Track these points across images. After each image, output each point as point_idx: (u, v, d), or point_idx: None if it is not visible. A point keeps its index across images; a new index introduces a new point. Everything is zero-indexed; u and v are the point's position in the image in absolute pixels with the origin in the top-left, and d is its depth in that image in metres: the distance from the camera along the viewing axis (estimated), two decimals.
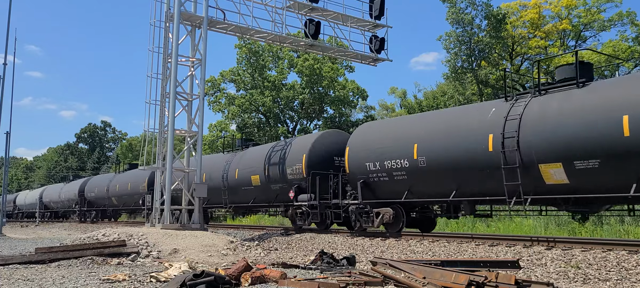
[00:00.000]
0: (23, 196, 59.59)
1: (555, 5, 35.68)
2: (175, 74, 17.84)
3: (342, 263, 11.56)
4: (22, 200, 57.93)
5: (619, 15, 34.73)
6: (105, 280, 9.08)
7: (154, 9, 17.97)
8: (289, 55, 45.88)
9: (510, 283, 7.22)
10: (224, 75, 47.13)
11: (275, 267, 10.75)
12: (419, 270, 8.04)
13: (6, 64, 26.64)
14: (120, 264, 12.11)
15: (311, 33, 20.30)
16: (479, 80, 35.92)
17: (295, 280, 8.38)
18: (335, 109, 46.31)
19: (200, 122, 18.45)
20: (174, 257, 13.25)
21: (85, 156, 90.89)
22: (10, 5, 25.90)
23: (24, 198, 57.70)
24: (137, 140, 70.55)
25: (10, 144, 29.32)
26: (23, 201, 57.50)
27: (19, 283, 8.89)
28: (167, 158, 17.65)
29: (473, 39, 35.06)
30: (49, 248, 12.99)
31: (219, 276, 8.23)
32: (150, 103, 18.03)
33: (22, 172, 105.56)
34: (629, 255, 10.33)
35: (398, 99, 52.38)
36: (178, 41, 17.96)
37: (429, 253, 13.02)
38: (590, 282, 9.14)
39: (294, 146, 20.32)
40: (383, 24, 21.51)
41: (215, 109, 46.99)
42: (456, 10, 34.46)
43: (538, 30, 35.47)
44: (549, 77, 35.03)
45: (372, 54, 21.56)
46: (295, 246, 16.75)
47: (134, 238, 14.33)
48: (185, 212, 18.30)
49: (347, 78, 47.27)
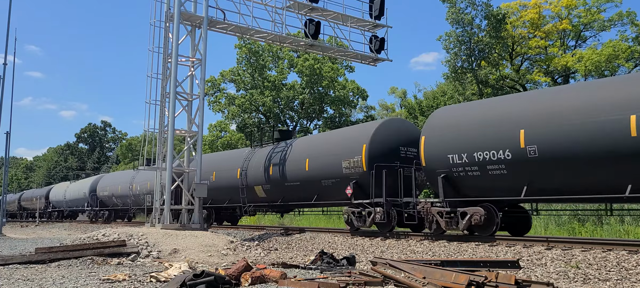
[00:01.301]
0: (61, 190, 46.92)
1: (555, 5, 35.68)
2: (175, 74, 17.84)
3: (342, 263, 11.56)
4: (60, 195, 46.13)
5: (619, 15, 34.72)
6: (105, 280, 9.08)
7: (154, 9, 17.99)
8: (289, 55, 45.91)
9: (510, 283, 7.21)
10: (224, 75, 47.16)
11: (275, 267, 10.75)
12: (419, 270, 8.04)
13: (6, 64, 26.67)
14: (120, 264, 12.10)
15: (311, 33, 20.29)
16: (479, 80, 35.92)
17: (295, 280, 8.37)
18: (335, 109, 46.33)
19: (200, 122, 18.45)
20: (174, 257, 13.25)
21: (85, 156, 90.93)
22: (10, 5, 25.92)
23: (64, 193, 45.16)
24: (137, 140, 70.55)
25: (10, 143, 29.30)
26: (62, 196, 45.65)
27: (19, 283, 8.89)
28: (167, 158, 17.65)
29: (473, 39, 35.06)
30: (49, 248, 12.99)
31: (219, 276, 8.23)
32: (150, 103, 18.03)
33: (22, 172, 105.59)
34: (629, 255, 10.33)
35: (398, 98, 52.47)
36: (178, 41, 17.96)
37: (429, 253, 13.02)
38: (590, 282, 9.14)
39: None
40: (383, 24, 21.50)
41: (215, 109, 47.02)
42: (456, 10, 34.47)
43: (538, 30, 35.47)
44: (550, 79, 35.16)
45: (372, 54, 21.56)
46: (295, 246, 16.75)
47: (134, 238, 14.33)
48: (184, 212, 18.30)
49: (347, 78, 47.33)
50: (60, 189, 47.03)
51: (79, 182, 44.00)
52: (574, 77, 36.10)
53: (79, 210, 42.23)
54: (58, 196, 46.26)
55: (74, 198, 42.11)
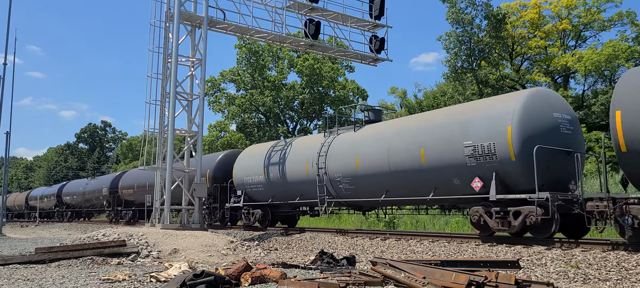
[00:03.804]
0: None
1: (555, 5, 35.69)
2: (175, 74, 17.85)
3: (342, 263, 11.56)
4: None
5: (619, 15, 34.74)
6: (105, 280, 9.08)
7: (154, 9, 18.01)
8: (289, 55, 45.91)
9: (510, 283, 7.22)
10: (224, 75, 47.16)
11: (275, 267, 10.75)
12: (419, 270, 8.04)
13: (6, 64, 26.66)
14: (120, 264, 12.10)
15: (311, 33, 20.30)
16: (479, 80, 35.93)
17: (295, 280, 8.37)
18: (335, 109, 46.33)
19: (200, 122, 18.46)
20: (174, 257, 13.25)
21: (85, 156, 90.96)
22: (10, 5, 25.91)
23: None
24: (137, 140, 70.54)
25: (10, 143, 29.29)
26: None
27: (19, 283, 8.89)
28: (167, 158, 17.65)
29: (473, 39, 35.07)
30: (49, 248, 12.99)
31: (219, 276, 8.24)
32: (150, 103, 18.05)
33: (22, 172, 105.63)
34: (629, 255, 10.33)
35: (398, 98, 52.49)
36: (178, 41, 17.97)
37: (429, 253, 13.02)
38: (590, 282, 9.14)
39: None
40: (383, 24, 21.52)
41: (215, 109, 47.01)
42: (456, 10, 34.48)
43: (538, 30, 35.48)
44: (550, 78, 35.17)
45: (372, 54, 21.57)
46: (295, 246, 16.74)
47: (134, 238, 14.34)
48: (184, 212, 18.32)
49: (347, 78, 47.33)
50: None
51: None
52: (574, 77, 36.14)
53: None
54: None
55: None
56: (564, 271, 9.87)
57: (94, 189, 38.41)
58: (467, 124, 13.67)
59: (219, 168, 23.93)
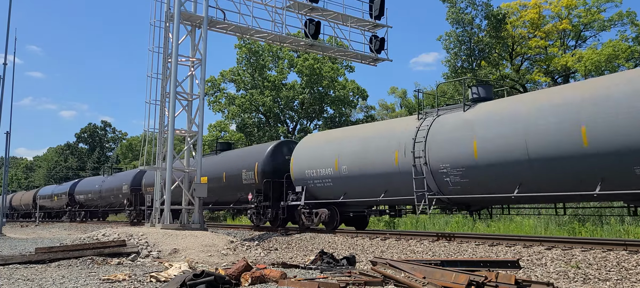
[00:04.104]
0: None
1: (555, 5, 35.68)
2: (175, 73, 17.84)
3: (342, 263, 11.56)
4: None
5: (619, 15, 34.72)
6: (105, 280, 9.08)
7: (154, 9, 18.00)
8: (289, 55, 45.90)
9: (510, 283, 7.22)
10: (224, 75, 47.14)
11: (275, 267, 10.75)
12: (419, 270, 8.04)
13: (6, 64, 26.66)
14: (120, 264, 12.11)
15: (311, 33, 20.30)
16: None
17: (295, 280, 8.37)
18: (335, 109, 46.31)
19: (200, 122, 18.45)
20: (174, 257, 13.25)
21: (86, 156, 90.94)
22: (10, 5, 25.91)
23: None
24: (137, 140, 70.56)
25: (10, 143, 29.29)
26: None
27: (19, 283, 8.89)
28: (167, 158, 17.65)
29: (473, 39, 35.07)
30: (49, 248, 13.00)
31: (219, 276, 8.24)
32: (150, 103, 18.04)
33: (22, 172, 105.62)
34: (629, 255, 10.33)
35: (398, 98, 52.50)
36: (178, 41, 17.96)
37: (429, 253, 13.02)
38: (590, 282, 9.14)
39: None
40: (383, 24, 21.52)
41: (215, 108, 47.00)
42: (456, 10, 34.48)
43: (538, 30, 35.47)
44: (550, 78, 35.15)
45: (372, 54, 21.56)
46: (295, 246, 16.74)
47: (134, 238, 14.34)
48: (184, 212, 18.31)
49: (347, 78, 47.31)
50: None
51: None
52: (574, 77, 36.12)
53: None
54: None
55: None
56: (564, 271, 9.87)
57: (113, 187, 35.13)
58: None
59: (268, 160, 20.67)
